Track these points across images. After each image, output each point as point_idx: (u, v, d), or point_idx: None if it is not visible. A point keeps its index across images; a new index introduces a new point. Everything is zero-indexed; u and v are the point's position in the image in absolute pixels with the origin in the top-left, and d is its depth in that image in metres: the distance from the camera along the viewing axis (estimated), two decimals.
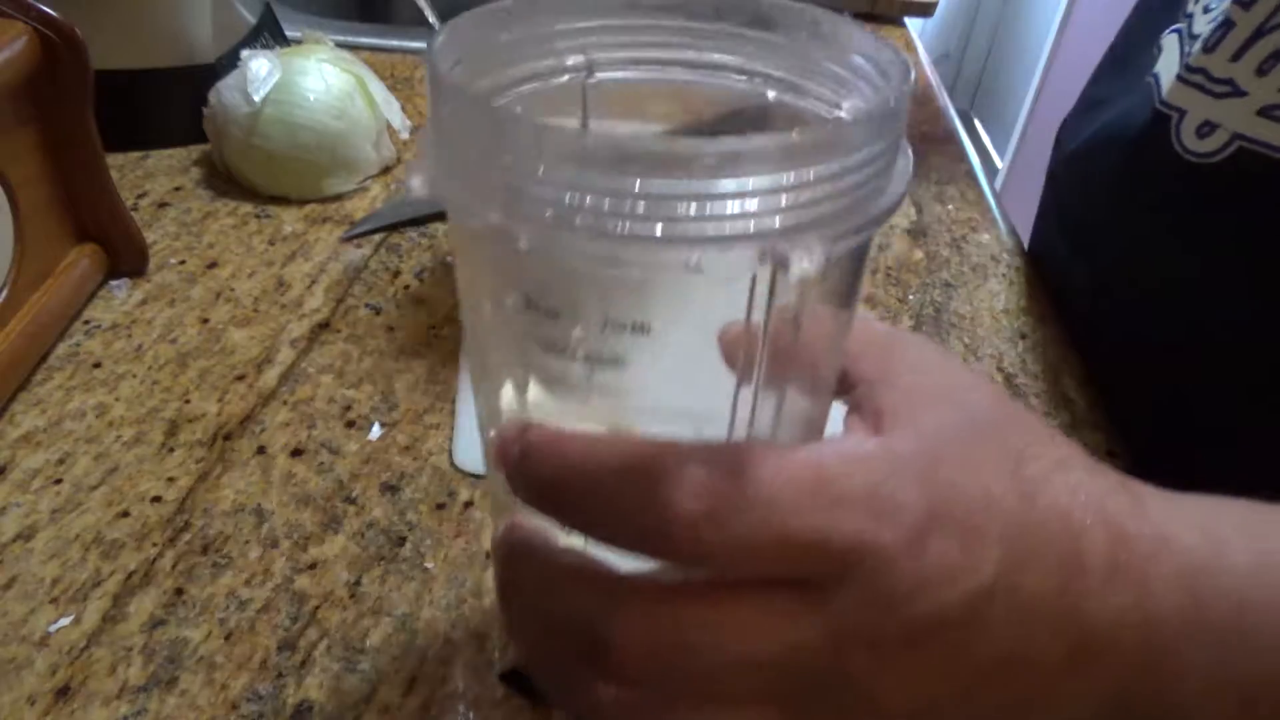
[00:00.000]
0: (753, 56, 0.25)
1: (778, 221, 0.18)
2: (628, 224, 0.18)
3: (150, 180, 0.54)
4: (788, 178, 0.18)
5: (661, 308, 0.21)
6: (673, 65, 0.25)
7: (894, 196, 0.20)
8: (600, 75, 0.25)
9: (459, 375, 0.44)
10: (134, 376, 0.42)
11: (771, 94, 0.25)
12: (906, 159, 0.21)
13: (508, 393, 0.24)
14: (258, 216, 0.53)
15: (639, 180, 0.18)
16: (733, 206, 0.18)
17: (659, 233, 0.18)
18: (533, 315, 0.21)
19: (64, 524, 0.36)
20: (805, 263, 0.18)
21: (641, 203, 0.18)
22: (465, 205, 0.20)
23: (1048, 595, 0.21)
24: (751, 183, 0.18)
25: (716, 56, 0.25)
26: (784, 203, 0.18)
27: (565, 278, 0.21)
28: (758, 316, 0.21)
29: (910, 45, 0.81)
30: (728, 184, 0.18)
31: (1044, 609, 0.21)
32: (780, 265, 0.18)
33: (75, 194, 0.44)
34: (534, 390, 0.24)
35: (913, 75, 0.21)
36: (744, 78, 0.25)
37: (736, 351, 0.21)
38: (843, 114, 0.24)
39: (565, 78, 0.25)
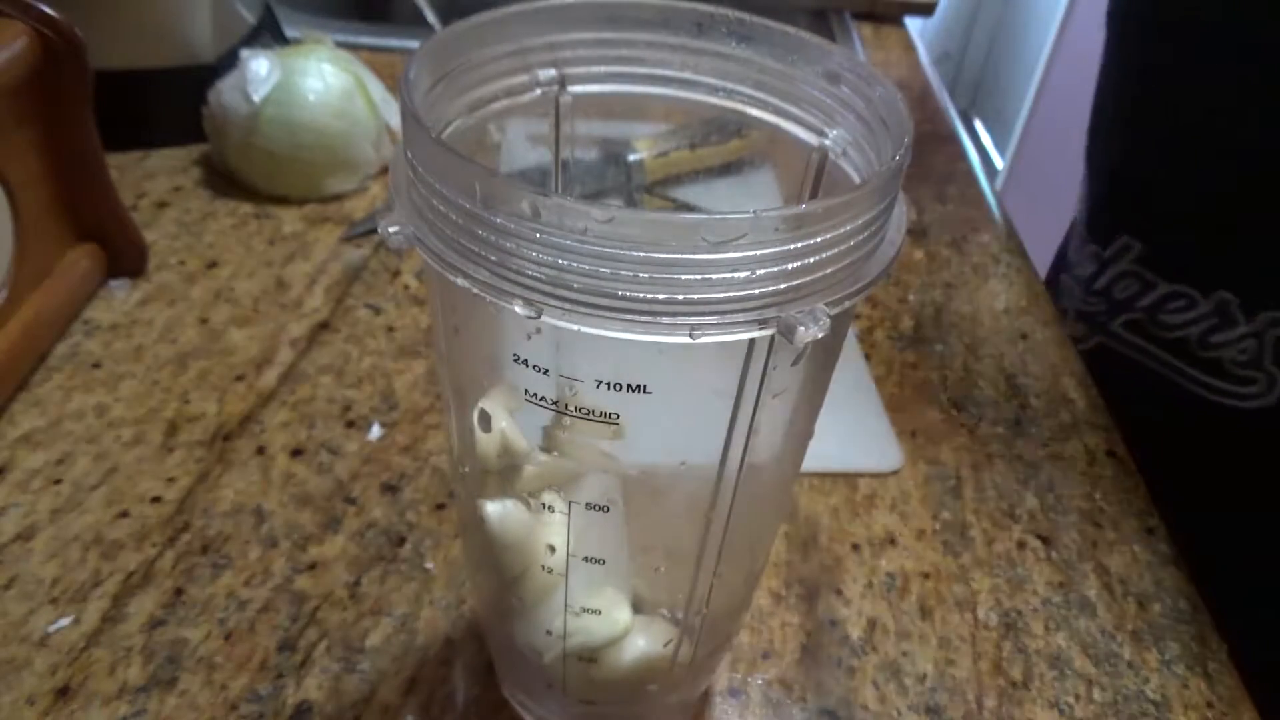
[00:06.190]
0: (733, 75, 0.24)
1: (783, 287, 0.18)
2: (628, 292, 0.17)
3: (150, 180, 0.54)
4: (795, 245, 0.17)
5: (654, 368, 0.20)
6: (648, 80, 0.25)
7: (894, 245, 0.20)
8: (573, 89, 0.25)
9: None
10: (134, 376, 0.42)
11: (751, 112, 0.25)
12: (901, 205, 0.21)
13: (481, 432, 0.23)
14: (258, 216, 0.53)
15: (640, 250, 0.17)
16: (737, 275, 0.17)
17: (661, 302, 0.17)
18: (520, 369, 0.20)
19: (64, 524, 0.36)
20: (812, 329, 0.18)
21: (643, 271, 0.17)
22: (450, 262, 0.18)
23: None
24: (758, 252, 0.17)
25: (693, 74, 0.25)
26: (790, 268, 0.18)
27: (557, 338, 0.20)
28: (755, 373, 0.20)
29: (910, 45, 0.81)
30: (733, 254, 0.17)
31: None
32: (786, 334, 0.18)
33: (75, 194, 0.44)
34: (511, 430, 0.23)
35: (910, 120, 0.20)
36: (723, 95, 0.25)
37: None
38: (829, 142, 0.23)
39: (537, 92, 0.24)
